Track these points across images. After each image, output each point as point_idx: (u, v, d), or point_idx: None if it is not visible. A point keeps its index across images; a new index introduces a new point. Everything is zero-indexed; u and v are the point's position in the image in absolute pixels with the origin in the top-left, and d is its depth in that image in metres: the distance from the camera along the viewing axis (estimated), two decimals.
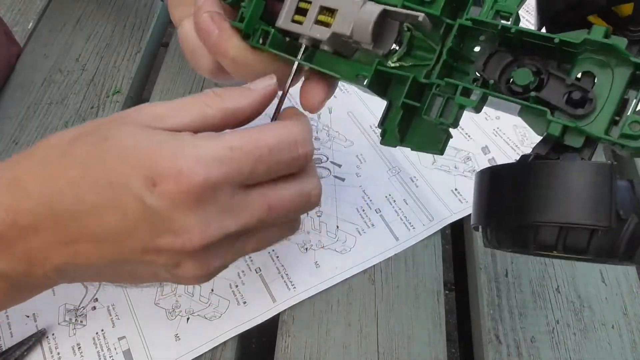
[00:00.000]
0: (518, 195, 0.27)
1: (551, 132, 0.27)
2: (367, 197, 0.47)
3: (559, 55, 0.29)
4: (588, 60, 0.28)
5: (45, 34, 0.61)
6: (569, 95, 0.28)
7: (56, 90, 0.56)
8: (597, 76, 0.28)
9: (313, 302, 0.42)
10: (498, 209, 0.28)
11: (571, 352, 0.39)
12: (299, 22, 0.33)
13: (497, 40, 0.30)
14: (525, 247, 0.27)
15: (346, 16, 0.32)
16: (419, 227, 0.45)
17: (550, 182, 0.26)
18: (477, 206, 0.30)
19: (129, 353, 0.40)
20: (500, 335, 0.40)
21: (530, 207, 0.26)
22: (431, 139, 0.32)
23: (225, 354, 0.40)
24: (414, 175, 0.49)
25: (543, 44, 0.28)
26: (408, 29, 0.32)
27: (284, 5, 0.34)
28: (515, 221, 0.27)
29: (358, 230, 0.45)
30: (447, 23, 0.31)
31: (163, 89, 0.56)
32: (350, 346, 0.40)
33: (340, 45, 0.33)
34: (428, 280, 0.43)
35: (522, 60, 0.29)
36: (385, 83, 0.33)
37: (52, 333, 0.41)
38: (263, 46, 0.34)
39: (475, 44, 0.31)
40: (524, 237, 0.27)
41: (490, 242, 0.29)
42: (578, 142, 0.27)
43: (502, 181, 0.28)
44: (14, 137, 0.52)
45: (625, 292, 0.42)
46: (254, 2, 0.33)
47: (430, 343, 0.40)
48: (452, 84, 0.30)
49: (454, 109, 0.30)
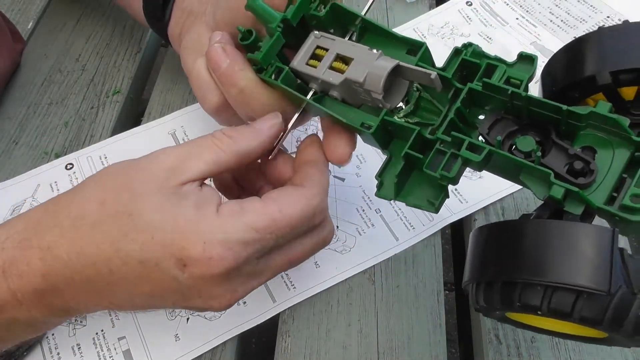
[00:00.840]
0: (512, 252, 0.26)
1: (553, 195, 0.27)
2: (367, 197, 0.47)
3: (562, 127, 0.29)
4: (590, 137, 0.29)
5: (45, 34, 0.61)
6: (571, 165, 0.28)
7: (56, 90, 0.56)
8: (598, 152, 0.28)
9: (313, 302, 0.42)
10: (491, 265, 0.28)
11: (571, 352, 0.39)
12: (313, 67, 0.34)
13: (503, 108, 0.31)
14: (511, 305, 0.26)
15: (361, 65, 0.33)
16: (419, 227, 0.45)
17: (549, 241, 0.26)
18: (470, 263, 0.29)
19: (129, 353, 0.40)
20: (500, 335, 0.40)
21: (522, 264, 0.26)
22: (427, 197, 0.32)
23: (225, 354, 0.40)
24: None
25: (549, 114, 0.29)
26: (417, 90, 0.34)
27: (301, 48, 0.35)
28: (504, 276, 0.26)
29: (358, 230, 0.45)
30: (456, 87, 0.32)
31: (163, 89, 0.56)
32: (350, 346, 0.40)
33: (349, 93, 0.34)
34: (428, 280, 0.43)
35: (526, 129, 0.30)
36: (388, 135, 0.34)
37: (52, 333, 0.41)
38: (275, 81, 0.34)
39: (481, 112, 0.32)
40: (510, 295, 0.26)
41: (478, 302, 0.28)
42: (578, 209, 0.27)
43: (499, 238, 0.28)
44: (14, 137, 0.52)
45: None
46: (274, 37, 0.34)
47: (430, 343, 0.40)
48: (458, 139, 0.30)
49: (457, 164, 0.30)
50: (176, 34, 0.45)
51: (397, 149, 0.33)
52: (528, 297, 0.25)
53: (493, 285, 0.27)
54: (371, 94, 0.33)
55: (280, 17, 0.34)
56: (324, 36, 0.35)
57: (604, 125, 0.28)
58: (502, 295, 0.26)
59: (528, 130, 0.30)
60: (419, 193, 0.33)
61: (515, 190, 0.47)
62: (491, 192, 0.47)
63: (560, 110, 0.29)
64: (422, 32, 0.59)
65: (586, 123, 0.29)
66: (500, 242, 0.28)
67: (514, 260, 0.26)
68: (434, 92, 0.33)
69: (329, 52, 0.34)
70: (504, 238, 0.27)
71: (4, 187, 0.48)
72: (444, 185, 0.31)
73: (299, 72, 0.35)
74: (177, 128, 0.52)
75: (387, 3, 0.63)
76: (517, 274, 0.26)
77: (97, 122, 0.53)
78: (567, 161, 0.28)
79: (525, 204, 0.47)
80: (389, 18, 0.61)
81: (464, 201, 0.47)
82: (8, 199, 0.47)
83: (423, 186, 0.32)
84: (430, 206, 0.32)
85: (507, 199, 0.47)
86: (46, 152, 0.51)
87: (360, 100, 0.35)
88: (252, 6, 0.34)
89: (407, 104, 0.34)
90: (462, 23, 0.59)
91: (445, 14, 0.61)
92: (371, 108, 0.34)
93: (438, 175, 0.30)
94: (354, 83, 0.33)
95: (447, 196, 0.32)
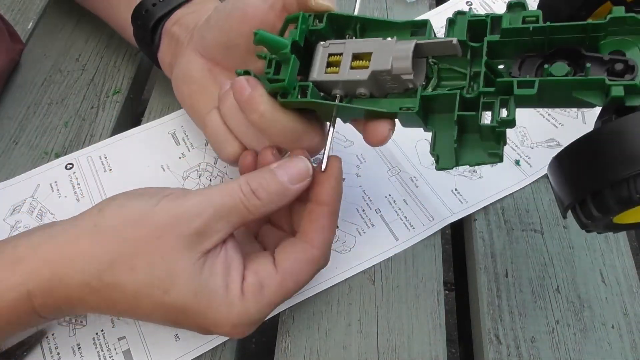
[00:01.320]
0: (609, 155, 0.28)
1: (616, 95, 0.29)
2: (367, 197, 0.47)
3: (587, 42, 0.31)
4: (611, 43, 0.31)
5: (45, 34, 0.61)
6: (612, 68, 0.30)
7: (56, 90, 0.56)
8: (626, 52, 0.30)
9: (313, 302, 0.42)
10: (590, 176, 0.28)
11: (571, 352, 0.39)
12: (334, 73, 0.35)
13: (524, 48, 0.32)
14: (630, 201, 0.27)
15: (382, 54, 0.34)
16: (419, 227, 0.45)
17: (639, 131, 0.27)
18: (564, 188, 0.30)
19: (129, 353, 0.40)
20: (500, 335, 0.40)
21: (624, 160, 0.27)
22: (486, 150, 0.33)
23: (225, 354, 0.40)
24: (414, 175, 0.49)
25: (571, 36, 0.31)
26: (434, 63, 0.35)
27: (314, 61, 0.36)
28: (612, 178, 0.27)
29: (358, 230, 0.45)
30: (472, 47, 0.34)
31: (163, 89, 0.55)
32: (350, 346, 0.40)
33: (376, 85, 0.35)
34: (428, 280, 0.43)
35: (551, 58, 0.32)
36: (427, 112, 0.35)
37: (52, 333, 0.41)
38: (304, 99, 0.35)
39: (499, 62, 0.34)
40: (624, 192, 0.27)
41: (589, 217, 0.29)
42: (639, 100, 0.29)
43: (587, 150, 0.29)
44: (14, 137, 0.52)
45: (625, 292, 0.42)
46: (292, 61, 0.35)
47: (430, 343, 0.40)
48: (504, 84, 0.31)
49: (512, 105, 0.31)
50: (166, 62, 0.47)
51: (438, 121, 0.35)
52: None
53: (603, 192, 0.28)
54: (400, 77, 0.34)
55: (290, 42, 0.35)
56: (332, 43, 0.36)
57: (624, 26, 0.30)
58: (615, 197, 0.27)
59: (554, 59, 0.32)
60: (477, 151, 0.33)
61: (516, 190, 0.47)
62: (491, 192, 0.47)
63: (584, 27, 0.31)
64: None
65: (605, 32, 0.31)
66: (590, 152, 0.29)
67: (614, 161, 0.27)
68: (452, 60, 0.35)
69: (344, 55, 0.35)
70: (592, 148, 0.29)
71: (3, 187, 0.48)
72: (502, 132, 0.32)
73: (321, 83, 0.36)
74: (177, 128, 0.52)
75: (387, 3, 0.63)
76: (623, 170, 0.27)
77: (97, 122, 0.53)
78: (605, 67, 0.30)
79: (525, 203, 0.47)
80: (389, 18, 0.62)
81: (464, 201, 0.47)
82: (8, 199, 0.47)
83: (477, 144, 0.33)
84: (494, 157, 0.33)
85: (507, 199, 0.47)
86: (46, 152, 0.51)
87: (386, 89, 0.35)
88: (261, 39, 0.35)
89: (429, 79, 0.35)
90: None
91: (445, 14, 0.60)
92: (397, 94, 0.35)
93: (496, 123, 0.31)
94: (382, 73, 0.34)
95: (505, 142, 0.33)
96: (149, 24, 0.47)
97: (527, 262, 0.44)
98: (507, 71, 0.34)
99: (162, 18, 0.46)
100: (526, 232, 0.45)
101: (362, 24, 0.37)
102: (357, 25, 0.37)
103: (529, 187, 0.48)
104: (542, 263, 0.44)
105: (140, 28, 0.48)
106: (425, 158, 0.50)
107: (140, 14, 0.47)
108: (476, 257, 0.44)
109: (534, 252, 0.44)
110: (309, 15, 0.37)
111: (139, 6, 0.47)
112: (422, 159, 0.50)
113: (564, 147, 0.30)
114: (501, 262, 0.44)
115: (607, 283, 0.43)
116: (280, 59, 0.35)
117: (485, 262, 0.44)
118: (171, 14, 0.46)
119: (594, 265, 0.43)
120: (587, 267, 0.43)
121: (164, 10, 0.46)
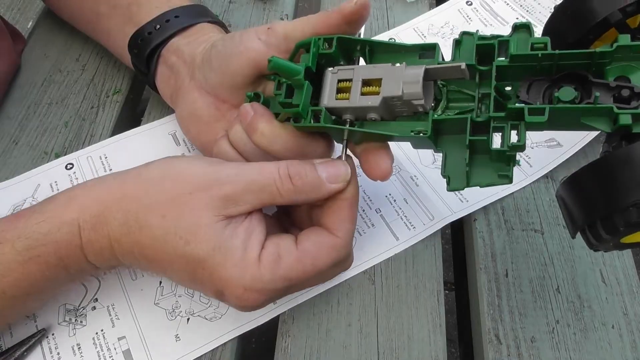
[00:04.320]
0: (619, 181, 0.28)
1: (624, 123, 0.29)
2: (367, 197, 0.47)
3: (593, 68, 0.32)
4: (616, 69, 0.32)
5: (45, 34, 0.61)
6: (618, 94, 0.31)
7: (56, 90, 0.56)
8: (631, 77, 0.31)
9: (313, 302, 0.42)
10: (601, 201, 0.29)
11: (571, 352, 0.39)
12: (344, 99, 0.36)
13: (531, 72, 0.33)
14: (639, 225, 0.28)
15: (392, 80, 0.35)
16: (419, 226, 0.45)
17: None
18: (574, 211, 0.31)
19: (129, 353, 0.40)
20: (500, 335, 0.40)
21: (634, 186, 0.27)
22: (496, 172, 0.34)
23: (225, 354, 0.40)
24: (414, 174, 0.49)
25: (578, 62, 0.32)
26: (443, 85, 0.36)
27: (323, 87, 0.37)
28: (622, 203, 0.28)
29: (358, 230, 0.45)
30: (480, 70, 0.34)
31: None
32: (350, 346, 0.40)
33: (386, 110, 0.36)
34: (428, 280, 0.43)
35: (559, 82, 0.33)
36: (436, 134, 0.35)
37: (52, 333, 0.41)
38: (318, 124, 0.36)
39: (506, 84, 0.34)
40: (633, 217, 0.28)
41: (597, 239, 0.30)
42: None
43: (597, 176, 0.30)
44: (14, 137, 0.52)
45: (625, 292, 0.42)
46: (305, 87, 0.35)
47: (430, 343, 0.40)
48: (514, 110, 0.32)
49: (522, 131, 0.32)
50: (167, 94, 0.48)
51: (448, 143, 0.35)
52: None
53: (612, 216, 0.28)
54: (411, 102, 0.34)
55: (303, 68, 0.35)
56: (340, 69, 0.37)
57: (629, 53, 0.31)
58: (624, 221, 0.28)
59: (561, 83, 0.33)
60: (487, 172, 0.34)
61: (516, 190, 0.47)
62: (491, 192, 0.47)
63: (591, 54, 0.31)
64: (422, 32, 0.59)
65: (611, 58, 0.32)
66: (600, 178, 0.29)
67: (623, 187, 0.28)
68: (461, 82, 0.35)
69: (354, 81, 0.36)
70: (602, 173, 0.29)
71: (4, 187, 0.48)
72: (512, 155, 0.33)
73: (332, 109, 0.36)
74: (177, 128, 0.52)
75: (387, 3, 0.63)
76: (633, 196, 0.27)
77: (97, 122, 0.53)
78: (612, 93, 0.31)
79: (525, 203, 0.47)
80: (389, 18, 0.61)
81: (464, 200, 0.47)
82: (8, 199, 0.47)
83: (487, 164, 0.34)
84: (504, 179, 0.33)
85: (507, 199, 0.47)
86: (46, 152, 0.51)
87: (396, 113, 0.36)
88: (275, 66, 0.35)
89: (438, 102, 0.36)
90: (462, 23, 0.59)
91: (445, 14, 0.61)
92: (406, 117, 0.36)
93: (507, 147, 0.32)
94: (392, 99, 0.34)
95: (515, 163, 0.33)
96: (144, 52, 0.47)
97: (527, 262, 0.44)
98: (514, 93, 0.34)
99: (157, 46, 0.47)
100: (526, 232, 0.45)
101: (371, 47, 0.37)
102: (367, 48, 0.37)
103: (529, 187, 0.48)
104: (542, 263, 0.44)
105: (136, 56, 0.49)
106: (425, 157, 0.50)
107: (136, 43, 0.48)
108: (476, 257, 0.44)
109: (534, 252, 0.44)
110: (319, 39, 0.37)
111: (135, 35, 0.48)
112: (422, 157, 0.50)
113: (575, 172, 0.30)
114: (501, 262, 0.44)
115: (607, 283, 0.43)
116: (294, 84, 0.36)
117: (485, 262, 0.44)
118: (167, 42, 0.47)
119: (594, 265, 0.43)
120: (587, 267, 0.43)
121: (159, 38, 0.47)
